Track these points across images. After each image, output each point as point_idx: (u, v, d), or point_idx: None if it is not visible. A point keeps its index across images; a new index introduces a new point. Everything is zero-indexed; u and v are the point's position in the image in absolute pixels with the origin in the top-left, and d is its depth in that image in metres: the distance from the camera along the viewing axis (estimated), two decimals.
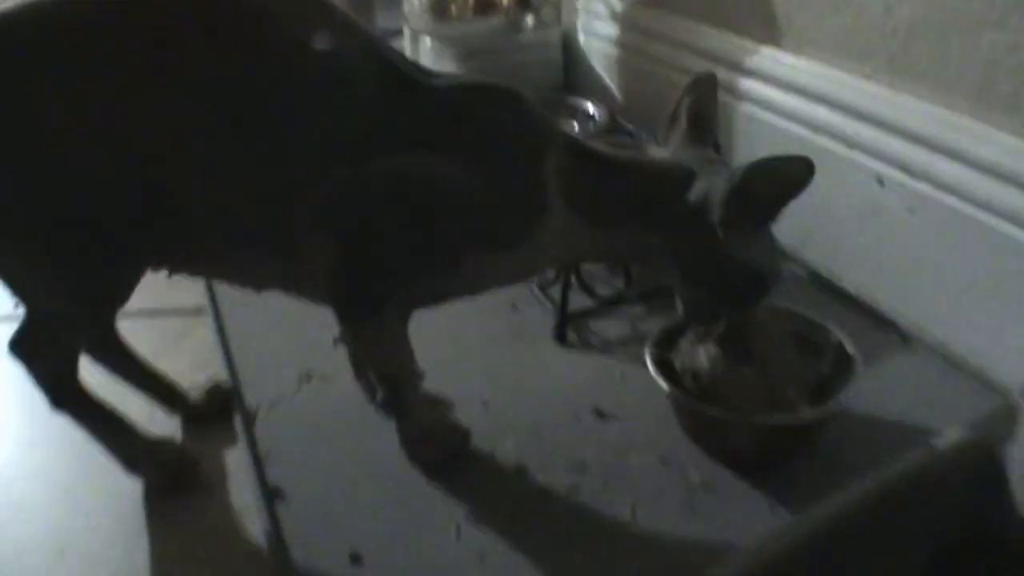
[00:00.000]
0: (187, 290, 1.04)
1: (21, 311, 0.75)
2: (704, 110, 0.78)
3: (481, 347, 0.96)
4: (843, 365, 0.81)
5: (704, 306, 0.78)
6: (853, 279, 1.04)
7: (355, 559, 0.71)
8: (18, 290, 0.72)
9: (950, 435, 0.66)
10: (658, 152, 0.79)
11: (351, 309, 0.75)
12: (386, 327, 0.76)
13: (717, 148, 0.82)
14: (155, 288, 0.75)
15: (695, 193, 0.72)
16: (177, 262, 0.75)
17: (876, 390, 0.86)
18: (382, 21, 1.78)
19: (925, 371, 0.91)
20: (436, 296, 0.77)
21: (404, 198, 0.70)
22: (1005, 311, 0.86)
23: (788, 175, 0.70)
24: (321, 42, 0.69)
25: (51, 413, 0.76)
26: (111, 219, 0.68)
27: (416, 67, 0.73)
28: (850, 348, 0.82)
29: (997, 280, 0.86)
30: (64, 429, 0.77)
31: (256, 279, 0.77)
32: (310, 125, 0.68)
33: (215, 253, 0.74)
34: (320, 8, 0.70)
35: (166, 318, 1.06)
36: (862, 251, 1.03)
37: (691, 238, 0.72)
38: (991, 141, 0.87)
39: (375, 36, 0.73)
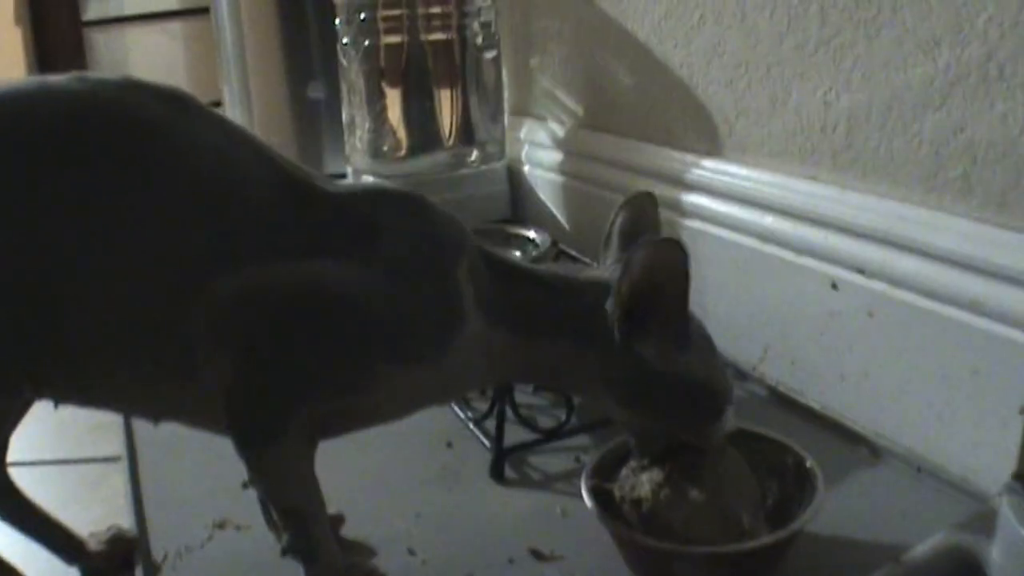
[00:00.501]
0: (106, 440, 1.01)
1: None
2: (635, 228, 0.74)
3: (410, 487, 0.89)
4: (805, 484, 0.74)
5: (654, 435, 0.72)
6: (816, 393, 0.99)
7: None
8: None
9: (927, 543, 0.62)
10: (589, 271, 0.74)
11: (248, 434, 0.67)
12: (288, 455, 0.68)
13: None
14: (74, 437, 0.68)
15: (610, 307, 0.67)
16: (63, 391, 0.69)
17: (846, 508, 0.80)
18: (330, 166, 1.77)
19: (898, 484, 0.85)
20: (346, 419, 0.70)
21: (304, 306, 0.64)
22: (978, 408, 0.81)
23: (665, 263, 0.66)
24: (209, 146, 0.65)
25: None
26: None
27: (312, 175, 0.68)
28: (811, 464, 0.75)
29: (966, 376, 0.81)
30: None
31: (152, 405, 0.70)
32: (205, 232, 0.63)
33: (103, 378, 0.67)
34: (211, 119, 0.66)
35: (83, 466, 1.00)
36: (823, 362, 0.98)
37: (615, 355, 0.67)
38: (946, 229, 0.83)
39: (267, 146, 0.68)
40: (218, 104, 2.02)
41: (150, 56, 4.28)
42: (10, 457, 0.76)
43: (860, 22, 0.90)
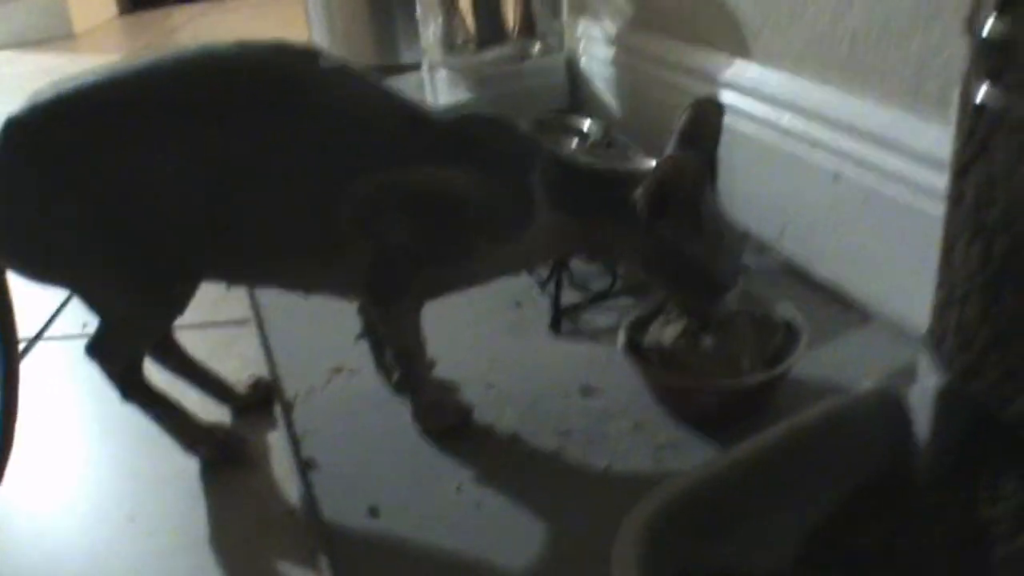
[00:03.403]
0: (232, 305, 1.21)
1: (89, 330, 0.89)
2: (696, 131, 0.88)
3: (487, 338, 1.10)
4: (795, 338, 0.93)
5: (689, 300, 0.90)
6: (821, 267, 1.15)
7: (373, 512, 0.84)
8: (94, 302, 0.87)
9: (863, 386, 0.74)
10: (630, 164, 0.92)
11: (382, 293, 0.89)
12: (406, 311, 0.91)
13: (713, 167, 0.91)
14: (207, 304, 0.89)
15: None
16: (235, 275, 0.92)
17: (836, 362, 0.97)
18: (404, 56, 1.93)
19: (882, 342, 1.01)
20: (448, 284, 0.91)
21: (424, 203, 0.85)
22: None
23: (687, 172, 0.83)
24: (346, 92, 0.85)
25: (121, 405, 0.91)
26: (180, 246, 0.83)
27: (423, 106, 0.88)
28: (798, 322, 0.93)
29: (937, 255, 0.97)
30: (132, 418, 0.92)
31: (305, 284, 0.93)
32: (343, 153, 0.83)
33: (269, 264, 0.89)
34: (343, 71, 0.86)
35: (214, 329, 1.20)
36: (827, 240, 1.14)
37: (641, 232, 0.85)
38: (925, 134, 0.97)
39: (390, 87, 0.88)
40: None
41: None
42: None
43: None
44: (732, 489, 0.69)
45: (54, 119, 0.81)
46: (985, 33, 0.57)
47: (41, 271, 0.86)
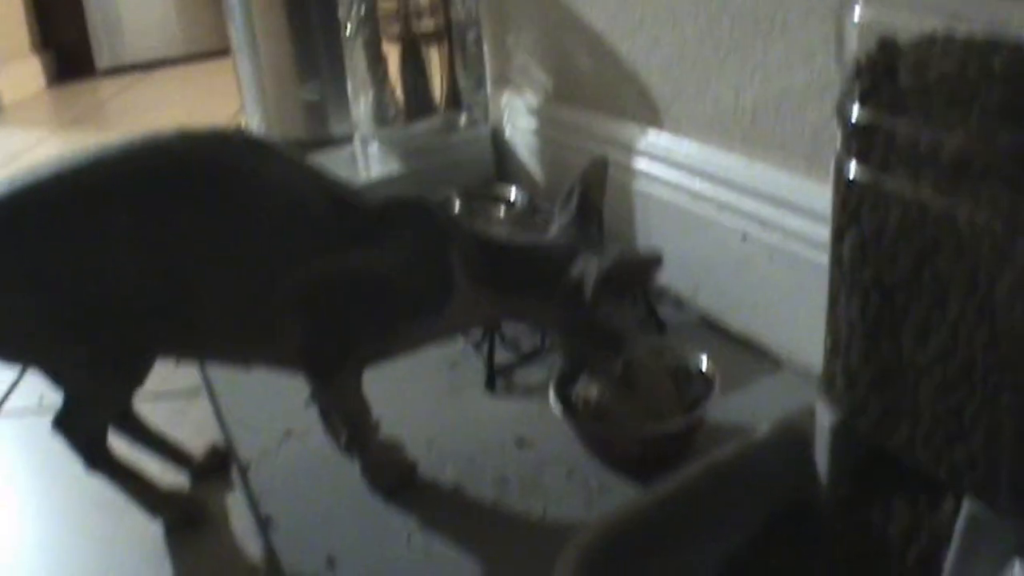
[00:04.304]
0: (183, 375, 1.27)
1: (46, 403, 0.94)
2: (592, 193, 1.00)
3: (426, 398, 1.17)
4: (709, 386, 1.02)
5: (577, 354, 1.01)
6: (735, 319, 1.24)
7: (331, 563, 0.91)
8: (59, 379, 0.93)
9: (772, 423, 0.83)
10: (548, 239, 1.00)
11: (318, 373, 0.97)
12: (346, 384, 0.98)
13: (600, 226, 1.01)
14: (156, 374, 0.94)
15: (574, 270, 0.93)
16: (185, 351, 0.98)
17: (749, 406, 1.06)
18: (335, 129, 2.00)
19: (793, 386, 1.10)
20: (382, 355, 0.99)
21: (352, 287, 0.93)
22: None
23: (644, 268, 0.94)
24: (280, 180, 0.92)
25: (86, 474, 0.95)
26: (135, 326, 0.89)
27: (351, 190, 0.96)
28: (711, 371, 1.03)
29: None
30: (94, 486, 0.97)
31: (246, 359, 1.00)
32: (279, 241, 0.91)
33: (213, 342, 0.96)
34: (282, 158, 0.94)
35: (167, 399, 1.26)
36: (739, 294, 1.23)
37: (568, 306, 0.94)
38: (822, 196, 1.04)
39: (321, 172, 0.96)
40: (226, 52, 2.20)
41: (142, 11, 4.46)
42: None
43: (759, 34, 1.12)
44: (658, 522, 0.77)
45: (9, 215, 0.87)
46: (852, 119, 0.66)
47: (4, 354, 0.92)
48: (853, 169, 0.67)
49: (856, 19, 0.65)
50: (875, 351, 0.69)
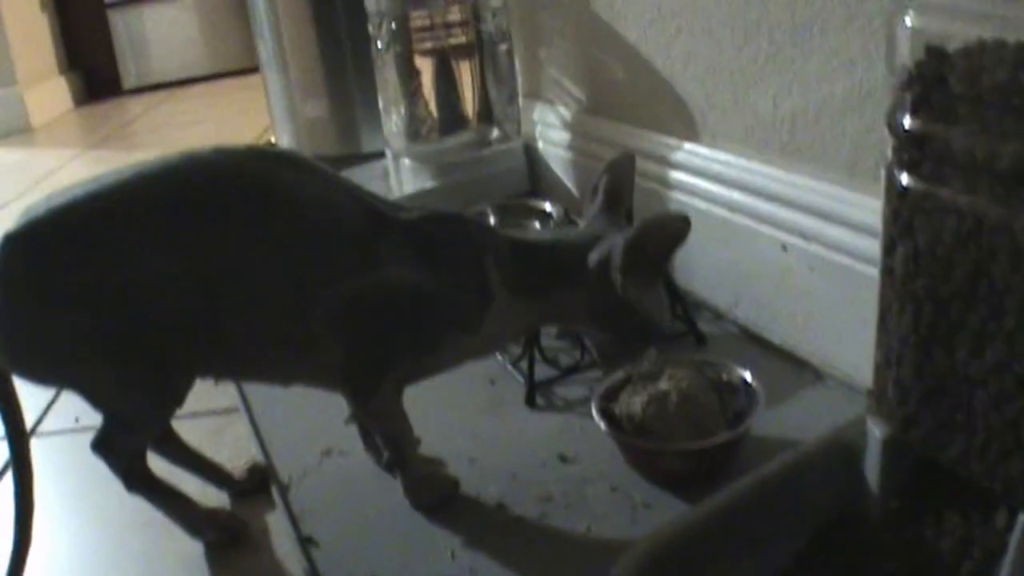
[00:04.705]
0: (221, 394, 1.26)
1: (82, 423, 0.94)
2: (618, 186, 0.99)
3: (467, 415, 1.17)
4: (753, 398, 1.01)
5: (610, 348, 0.99)
6: (776, 331, 1.23)
7: None
8: (98, 401, 0.93)
9: (820, 436, 0.83)
10: (577, 231, 1.01)
11: (358, 392, 0.96)
12: (386, 401, 0.97)
13: (630, 218, 1.01)
14: (194, 393, 0.94)
15: (601, 252, 0.92)
16: (222, 371, 0.98)
17: (791, 418, 1.05)
18: (366, 145, 2.00)
19: (834, 399, 1.09)
20: (422, 373, 0.98)
21: (391, 303, 0.92)
22: None
23: (671, 230, 0.91)
24: (317, 195, 0.92)
25: (127, 495, 0.96)
26: (174, 345, 0.89)
27: (385, 204, 0.95)
28: (755, 384, 1.02)
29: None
30: (134, 506, 0.97)
31: (284, 377, 0.99)
32: (317, 257, 0.90)
33: (251, 360, 0.95)
34: (316, 172, 0.93)
35: (206, 418, 1.26)
36: (779, 306, 1.21)
37: (598, 290, 0.93)
38: (862, 206, 1.05)
39: (354, 185, 0.95)
40: (252, 70, 2.21)
41: (168, 31, 4.50)
42: None
43: (797, 43, 1.12)
44: (705, 538, 0.76)
45: (49, 234, 0.87)
46: (904, 128, 0.65)
47: (45, 375, 0.93)
48: (905, 180, 0.65)
49: (908, 26, 0.64)
50: (928, 363, 0.68)
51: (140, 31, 4.52)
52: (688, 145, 1.37)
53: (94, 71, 4.63)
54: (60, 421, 1.32)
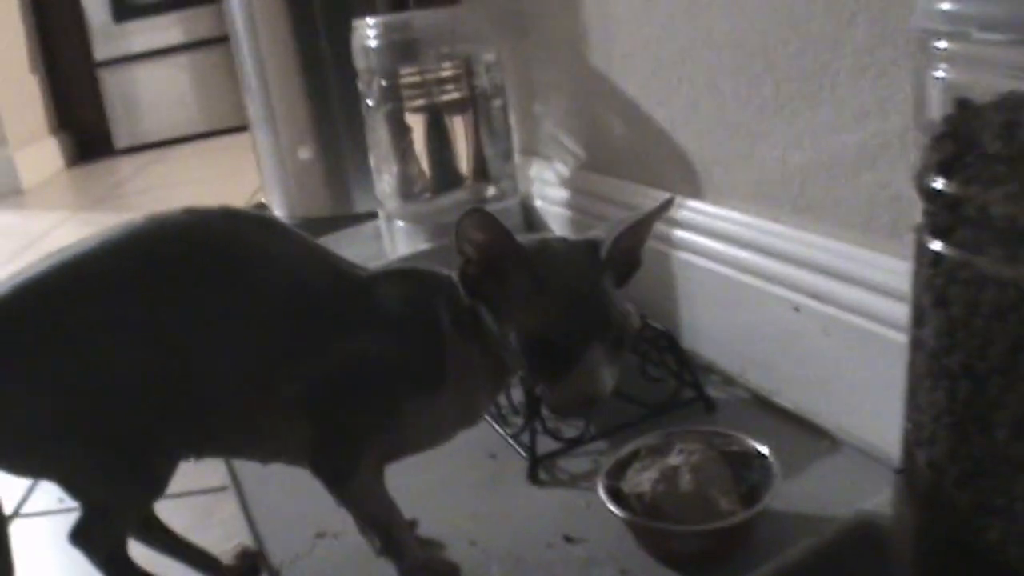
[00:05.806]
0: (211, 473, 1.21)
1: (66, 504, 0.90)
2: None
3: (466, 493, 1.11)
4: (768, 472, 0.95)
5: (557, 403, 0.85)
6: (788, 396, 1.17)
7: None
8: (74, 490, 0.88)
9: (845, 516, 0.79)
10: None
11: (331, 476, 0.90)
12: (365, 485, 0.91)
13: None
14: (181, 472, 0.89)
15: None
16: (201, 450, 0.92)
17: (809, 491, 0.99)
18: (358, 205, 1.96)
19: (853, 470, 1.03)
20: (400, 445, 0.92)
21: (356, 379, 0.87)
22: None
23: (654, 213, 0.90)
24: (282, 258, 0.88)
25: None
26: (147, 424, 0.84)
27: (347, 263, 0.91)
28: (771, 456, 0.96)
29: (899, 381, 0.99)
30: None
31: (262, 454, 0.94)
32: (281, 328, 0.86)
33: (226, 437, 0.91)
34: (287, 235, 0.90)
35: (193, 498, 1.20)
36: (791, 371, 1.16)
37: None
38: (878, 266, 1.01)
39: (322, 248, 0.91)
40: (244, 128, 2.20)
41: (159, 90, 4.50)
42: None
43: (805, 95, 1.08)
44: None
45: (5, 318, 0.83)
46: (936, 191, 0.60)
47: (19, 464, 0.88)
48: (939, 247, 0.60)
49: (938, 78, 0.59)
50: (964, 443, 0.63)
51: (131, 90, 4.51)
52: (692, 202, 1.32)
53: (85, 131, 4.61)
54: (44, 502, 1.27)
